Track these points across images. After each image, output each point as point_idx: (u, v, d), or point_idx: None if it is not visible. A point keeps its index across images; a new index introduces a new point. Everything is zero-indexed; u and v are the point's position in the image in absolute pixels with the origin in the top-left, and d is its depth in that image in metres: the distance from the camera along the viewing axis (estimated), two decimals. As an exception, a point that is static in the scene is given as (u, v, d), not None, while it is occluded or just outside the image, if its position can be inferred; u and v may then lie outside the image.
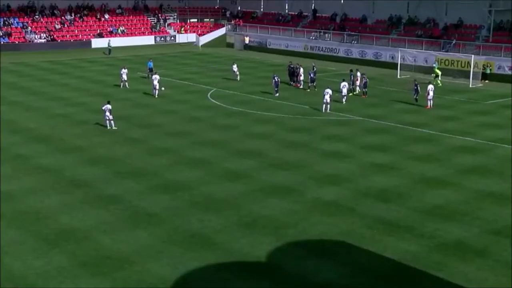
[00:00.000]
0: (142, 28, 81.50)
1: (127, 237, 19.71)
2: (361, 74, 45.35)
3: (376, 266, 18.03)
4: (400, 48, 56.56)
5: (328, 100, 38.32)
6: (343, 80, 42.69)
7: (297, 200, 23.15)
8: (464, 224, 20.88)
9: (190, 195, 23.59)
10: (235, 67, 51.81)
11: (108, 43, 70.65)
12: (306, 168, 27.21)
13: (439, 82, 48.40)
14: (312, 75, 46.32)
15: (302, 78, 47.98)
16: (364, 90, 44.32)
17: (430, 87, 40.37)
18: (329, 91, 38.43)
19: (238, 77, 51.38)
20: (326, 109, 38.57)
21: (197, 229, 20.40)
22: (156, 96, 43.42)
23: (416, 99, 41.12)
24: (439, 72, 49.90)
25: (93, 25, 78.30)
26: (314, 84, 46.07)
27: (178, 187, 24.47)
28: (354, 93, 44.57)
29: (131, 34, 78.92)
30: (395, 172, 26.61)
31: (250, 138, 32.39)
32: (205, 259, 18.24)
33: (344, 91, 41.37)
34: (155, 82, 43.63)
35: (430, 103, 40.24)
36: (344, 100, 41.25)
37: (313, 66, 49.05)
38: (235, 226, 20.68)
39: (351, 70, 46.87)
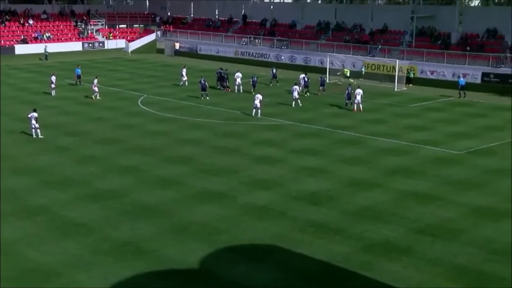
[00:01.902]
0: (69, 34, 79.60)
1: (55, 248, 19.18)
2: (304, 75, 48.08)
3: (308, 268, 18.31)
4: (328, 53, 57.72)
5: (258, 105, 38.70)
6: (295, 84, 43.85)
7: (229, 206, 23.21)
8: (391, 224, 21.52)
9: (121, 203, 23.23)
10: (184, 72, 51.23)
11: (45, 49, 68.78)
12: (238, 173, 27.33)
13: (351, 80, 50.08)
14: (254, 79, 47.51)
15: (239, 82, 48.09)
16: (320, 88, 47.47)
17: (358, 91, 41.39)
18: (259, 96, 38.86)
19: (186, 82, 50.78)
20: (256, 113, 38.91)
21: (128, 238, 20.11)
22: (98, 98, 44.54)
23: (347, 103, 42.07)
24: (347, 73, 51.60)
25: (16, 31, 75.84)
26: (255, 88, 46.83)
27: (108, 196, 24.05)
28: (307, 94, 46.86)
29: (58, 40, 76.87)
30: (325, 175, 27.12)
31: (182, 145, 32.25)
32: (137, 268, 18.00)
33: (295, 94, 42.29)
34: (95, 88, 44.51)
35: (359, 107, 41.25)
36: (294, 103, 42.18)
37: (273, 69, 52.62)
38: (167, 233, 20.52)
39: (306, 73, 48.82)
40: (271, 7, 74.50)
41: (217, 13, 79.18)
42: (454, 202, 23.66)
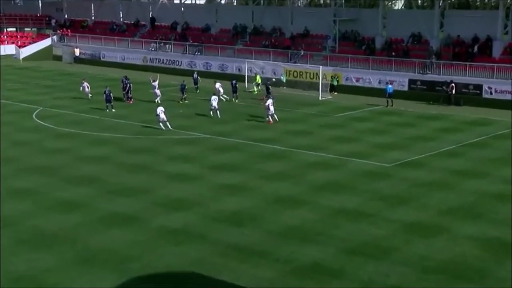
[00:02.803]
0: None
1: None
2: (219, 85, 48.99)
3: (231, 296, 18.35)
4: (246, 60, 58.30)
5: (164, 118, 38.65)
6: (214, 94, 44.22)
7: (141, 230, 22.90)
8: (320, 244, 21.89)
9: (15, 232, 22.44)
10: (85, 84, 49.82)
11: None
12: (150, 193, 27.05)
13: (255, 89, 50.92)
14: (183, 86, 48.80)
15: (158, 92, 47.99)
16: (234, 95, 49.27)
17: (270, 101, 42.00)
18: (161, 108, 39.06)
19: (90, 95, 49.38)
20: (166, 127, 38.72)
21: (24, 271, 19.41)
22: None
23: (268, 115, 42.56)
24: (259, 80, 52.68)
25: None
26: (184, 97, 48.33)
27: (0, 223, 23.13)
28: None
29: None
30: (247, 193, 27.30)
31: (86, 163, 31.65)
32: (36, 305, 17.45)
33: (214, 104, 42.70)
34: None
35: (273, 118, 41.81)
36: (212, 113, 42.58)
37: (194, 74, 53.88)
38: (71, 264, 19.99)
39: (214, 82, 49.48)
40: (182, 9, 74.45)
41: (121, 15, 78.23)
42: (385, 218, 24.40)
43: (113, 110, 44.42)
